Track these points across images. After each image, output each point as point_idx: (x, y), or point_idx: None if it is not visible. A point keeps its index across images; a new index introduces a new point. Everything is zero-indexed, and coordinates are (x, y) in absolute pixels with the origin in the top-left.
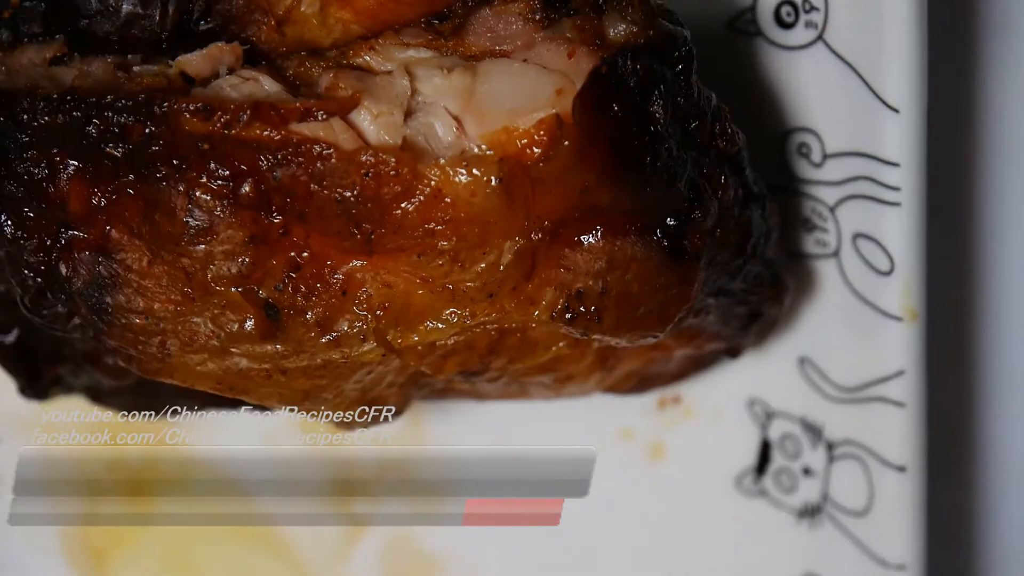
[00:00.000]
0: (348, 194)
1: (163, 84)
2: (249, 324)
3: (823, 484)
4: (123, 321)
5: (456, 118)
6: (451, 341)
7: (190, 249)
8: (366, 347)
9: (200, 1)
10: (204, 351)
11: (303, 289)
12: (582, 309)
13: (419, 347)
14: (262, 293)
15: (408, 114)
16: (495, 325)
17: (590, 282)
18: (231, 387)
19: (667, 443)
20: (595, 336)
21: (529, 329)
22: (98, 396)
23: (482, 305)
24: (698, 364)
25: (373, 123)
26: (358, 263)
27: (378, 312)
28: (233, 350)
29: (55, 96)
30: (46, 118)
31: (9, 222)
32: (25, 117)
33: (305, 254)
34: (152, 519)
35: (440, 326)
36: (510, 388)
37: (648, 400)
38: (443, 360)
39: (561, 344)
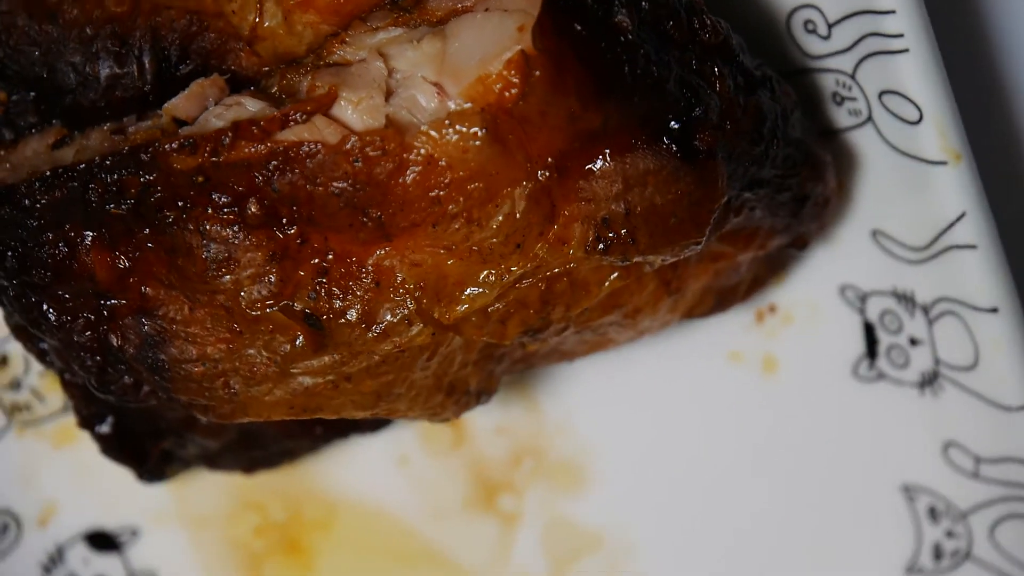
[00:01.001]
0: (344, 184)
1: (158, 135)
2: (299, 341)
3: (931, 349)
4: (182, 373)
5: (436, 84)
6: (502, 304)
7: (218, 283)
8: (414, 330)
9: (174, 46)
10: (267, 380)
11: (336, 291)
12: (612, 235)
13: (472, 318)
14: (298, 306)
15: (389, 94)
16: (537, 276)
17: (613, 206)
18: (304, 408)
19: (776, 354)
20: (636, 259)
21: (572, 270)
22: (213, 461)
23: (514, 258)
24: (771, 265)
25: (355, 111)
26: (381, 251)
27: (416, 293)
28: (293, 371)
29: (47, 173)
30: (46, 197)
31: (51, 311)
32: (27, 202)
33: (330, 256)
34: (316, 567)
35: (481, 290)
36: (588, 338)
37: (744, 317)
38: (502, 325)
39: (613, 277)
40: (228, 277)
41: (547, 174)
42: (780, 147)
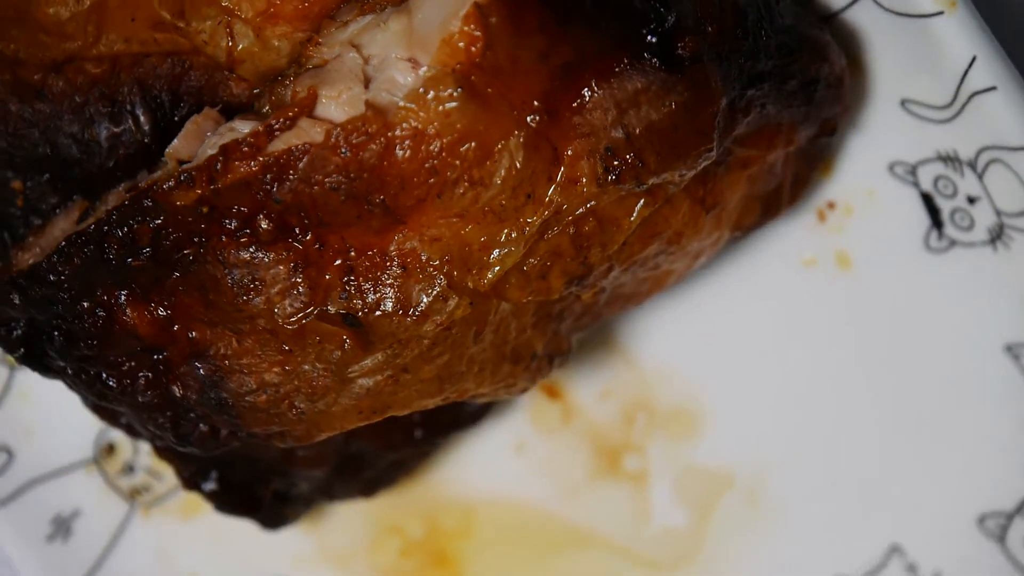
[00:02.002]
0: (339, 177)
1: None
2: (347, 344)
3: (990, 203)
4: (247, 405)
5: (409, 60)
6: (536, 259)
7: (251, 307)
8: (451, 304)
9: (164, 92)
10: (328, 391)
11: (366, 285)
12: (619, 163)
13: (511, 280)
14: (332, 309)
15: (369, 81)
16: (562, 222)
17: (613, 134)
18: (373, 410)
19: (846, 249)
20: (651, 180)
21: (595, 209)
22: (329, 492)
23: (528, 209)
24: (808, 160)
25: (337, 106)
26: (399, 235)
27: (444, 268)
28: (350, 376)
29: (63, 244)
30: (67, 267)
31: (111, 379)
32: (52, 277)
33: (351, 253)
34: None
35: (507, 249)
36: (643, 275)
37: (806, 221)
38: (544, 280)
39: (639, 206)
40: (259, 299)
41: (537, 118)
42: (770, 37)
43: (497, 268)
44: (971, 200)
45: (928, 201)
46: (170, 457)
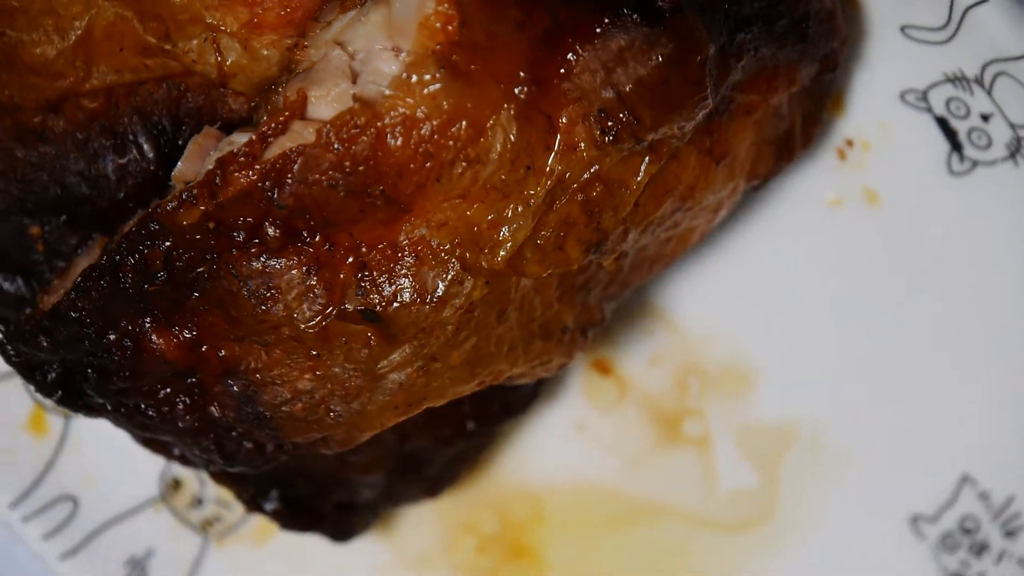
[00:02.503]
0: (335, 174)
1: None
2: (373, 340)
3: (1003, 117)
4: (285, 416)
5: (392, 48)
6: (549, 231)
7: (272, 316)
8: (467, 287)
9: (164, 118)
10: (362, 391)
11: (380, 279)
12: (613, 123)
13: (526, 254)
14: (350, 307)
15: (356, 76)
16: (568, 191)
17: (604, 95)
18: (409, 404)
19: (871, 184)
20: (649, 136)
21: (599, 173)
22: (393, 497)
23: (530, 181)
24: (815, 99)
25: (327, 105)
26: (406, 225)
27: (456, 251)
28: (380, 372)
29: (78, 280)
30: (86, 302)
31: (149, 409)
32: (74, 314)
33: (362, 248)
34: (547, 561)
35: (516, 224)
36: (665, 235)
37: (827, 163)
38: (561, 251)
39: (644, 165)
40: (277, 307)
41: (524, 89)
42: None
43: (509, 244)
44: (984, 117)
45: (943, 124)
46: (228, 481)
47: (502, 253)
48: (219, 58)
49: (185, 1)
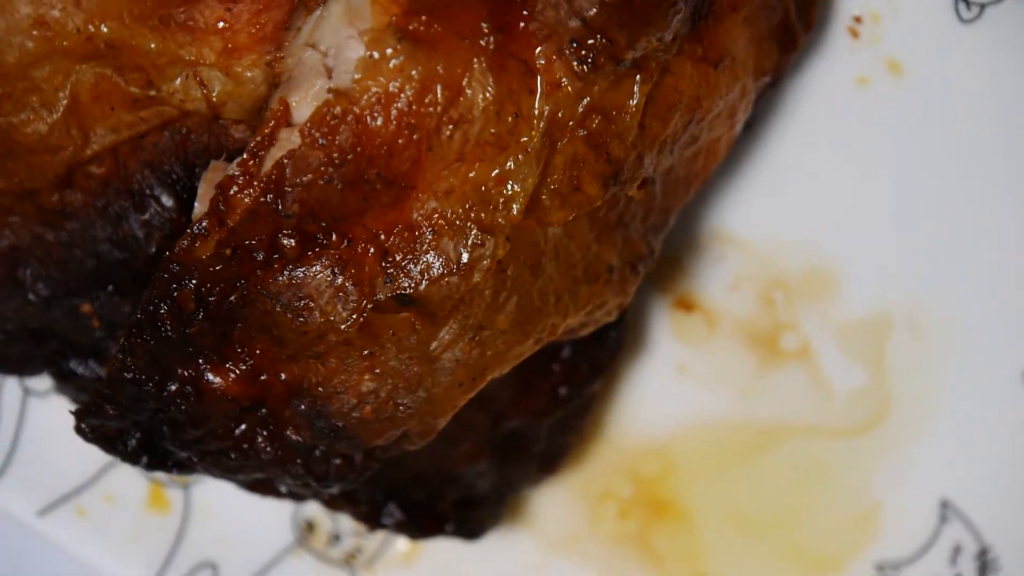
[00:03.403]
0: (327, 169)
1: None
2: (417, 325)
3: None
4: (357, 422)
5: (358, 34)
6: (559, 174)
7: (312, 325)
8: (489, 247)
9: (175, 165)
10: (423, 378)
11: (405, 261)
12: (587, 50)
13: (543, 204)
14: (382, 296)
15: (331, 71)
16: (565, 130)
17: (571, 25)
18: (472, 378)
19: (891, 55)
20: (629, 55)
21: (591, 105)
22: (510, 484)
23: (522, 127)
24: None
25: (307, 106)
26: (415, 202)
27: (470, 215)
28: (434, 354)
29: (122, 340)
30: (135, 359)
31: (232, 452)
32: (128, 375)
33: (380, 236)
34: (693, 510)
35: (521, 174)
36: (686, 154)
37: (841, 43)
38: (579, 191)
39: (636, 84)
40: (314, 314)
41: (491, 39)
42: None
43: (520, 196)
44: None
45: None
46: (341, 504)
47: (515, 206)
48: (205, 91)
49: (160, 45)
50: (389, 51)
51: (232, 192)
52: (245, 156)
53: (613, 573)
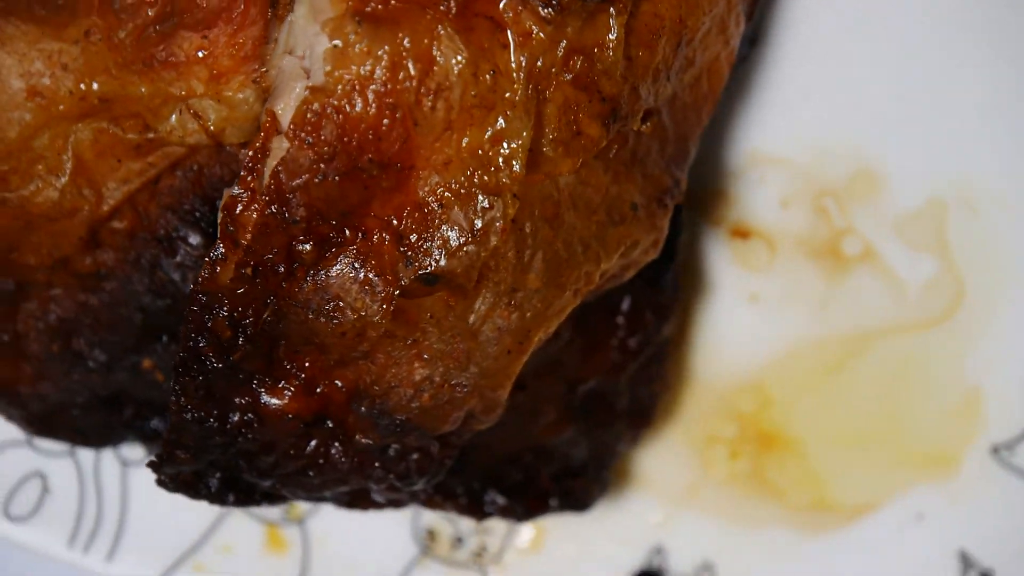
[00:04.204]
0: (320, 167)
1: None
2: (451, 302)
3: None
4: (419, 411)
5: (322, 28)
6: (555, 123)
7: (348, 325)
8: (499, 208)
9: (196, 202)
10: (471, 353)
11: (420, 241)
12: None
13: (547, 156)
14: (406, 280)
15: (309, 73)
16: (548, 76)
17: None
18: (519, 341)
19: None
20: None
21: (569, 47)
22: (606, 445)
23: (503, 83)
24: None
25: (292, 110)
26: (417, 180)
27: (473, 180)
28: (475, 327)
29: (172, 384)
30: (189, 398)
31: (310, 471)
32: (188, 416)
33: (393, 222)
34: (801, 437)
35: (514, 130)
36: (688, 77)
37: None
38: (580, 135)
39: (611, 17)
40: (346, 314)
41: (451, 3)
42: None
43: (519, 152)
44: None
45: None
46: (441, 503)
47: (515, 163)
48: (201, 122)
49: (150, 88)
50: (352, 36)
51: (238, 211)
52: (243, 173)
53: (739, 515)
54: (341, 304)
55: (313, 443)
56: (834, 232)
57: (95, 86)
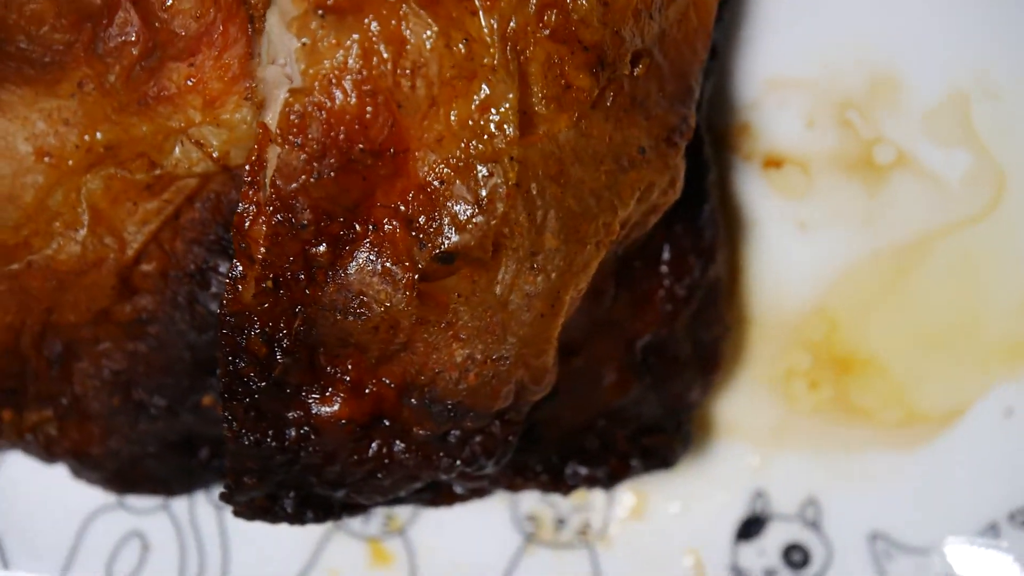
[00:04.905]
0: (313, 167)
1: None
2: (473, 276)
3: None
4: (467, 391)
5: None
6: (542, 81)
7: (376, 316)
8: (499, 175)
9: (217, 229)
10: (507, 324)
11: (429, 222)
12: None
13: (539, 115)
14: (423, 264)
15: (291, 79)
16: (524, 38)
17: None
18: (551, 303)
19: None
20: None
21: (540, 1)
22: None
23: (479, 50)
24: None
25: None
26: (415, 162)
27: (470, 152)
28: (504, 297)
29: (223, 413)
30: (244, 423)
31: (378, 473)
32: (244, 440)
33: (401, 208)
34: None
35: (499, 94)
36: (676, 12)
37: None
38: (571, 89)
39: None
40: (373, 307)
41: None
42: None
43: (510, 115)
44: None
45: None
46: (524, 483)
47: (508, 127)
48: (203, 150)
49: (150, 126)
50: (319, 32)
51: (247, 226)
52: (244, 188)
53: (832, 444)
54: (365, 299)
55: (375, 445)
56: (863, 143)
57: (99, 135)
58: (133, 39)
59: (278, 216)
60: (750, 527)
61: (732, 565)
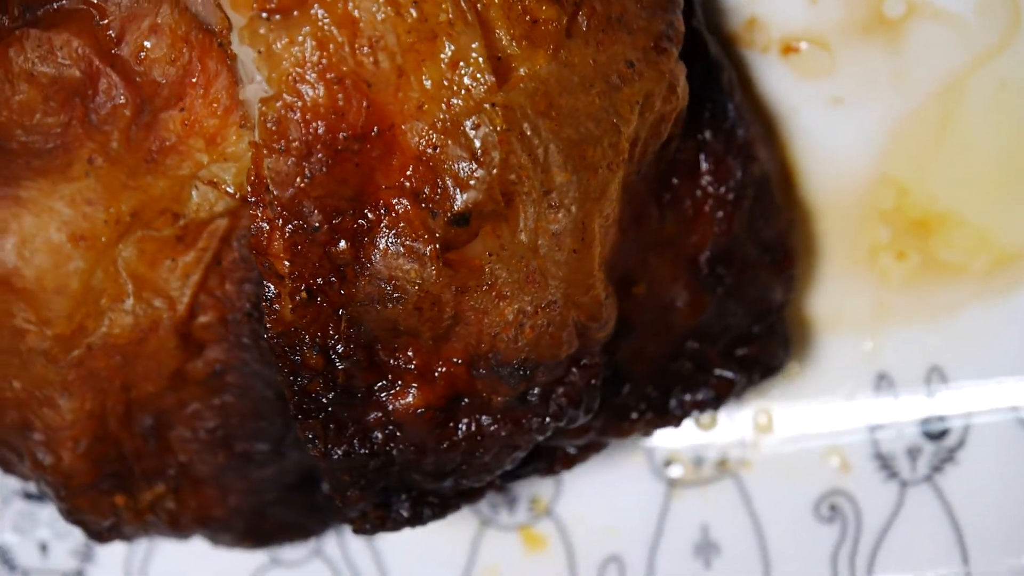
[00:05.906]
0: (302, 166)
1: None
2: (497, 231)
3: None
4: (530, 348)
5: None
6: (506, 23)
7: (412, 298)
8: (488, 125)
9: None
10: (546, 270)
11: (434, 190)
12: None
13: (513, 57)
14: (439, 233)
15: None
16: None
17: None
18: (581, 236)
19: None
20: None
21: None
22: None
23: (431, 8)
24: None
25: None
26: (405, 136)
27: (455, 112)
28: (532, 243)
29: (304, 433)
30: (327, 439)
31: (477, 451)
32: (333, 456)
33: (405, 184)
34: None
35: (464, 47)
36: None
37: None
38: (538, 23)
39: None
40: (405, 287)
41: None
42: None
43: (481, 65)
44: None
45: None
46: (629, 429)
47: (482, 76)
48: (218, 187)
49: (164, 181)
50: (270, 36)
51: (264, 243)
52: (252, 209)
53: (936, 308)
54: (397, 283)
55: (462, 425)
56: (871, 3)
57: (123, 206)
58: (122, 101)
59: (290, 226)
60: (881, 412)
61: (875, 454)
